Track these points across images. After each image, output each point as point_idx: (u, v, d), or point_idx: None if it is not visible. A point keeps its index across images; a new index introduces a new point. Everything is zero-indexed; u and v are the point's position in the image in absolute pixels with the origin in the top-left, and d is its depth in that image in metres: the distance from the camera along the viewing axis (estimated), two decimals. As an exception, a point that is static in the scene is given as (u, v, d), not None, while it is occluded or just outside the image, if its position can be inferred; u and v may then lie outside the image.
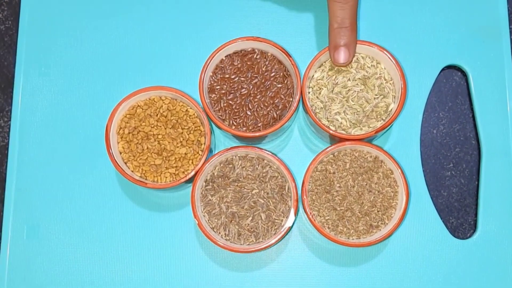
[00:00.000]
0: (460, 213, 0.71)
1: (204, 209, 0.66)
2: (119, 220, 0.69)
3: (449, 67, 0.72)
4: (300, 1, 0.73)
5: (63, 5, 0.73)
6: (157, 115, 0.67)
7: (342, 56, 0.63)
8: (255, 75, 0.67)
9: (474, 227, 0.70)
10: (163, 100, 0.67)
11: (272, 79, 0.67)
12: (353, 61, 0.66)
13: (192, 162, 0.66)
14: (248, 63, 0.67)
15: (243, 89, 0.67)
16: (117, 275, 0.68)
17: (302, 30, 0.72)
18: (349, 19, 0.62)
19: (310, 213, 0.65)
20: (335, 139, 0.66)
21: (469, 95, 0.72)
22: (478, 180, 0.70)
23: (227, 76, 0.67)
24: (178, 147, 0.66)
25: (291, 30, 0.72)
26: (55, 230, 0.69)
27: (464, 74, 0.72)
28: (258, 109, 0.66)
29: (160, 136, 0.66)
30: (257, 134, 0.65)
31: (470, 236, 0.69)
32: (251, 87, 0.67)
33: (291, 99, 0.66)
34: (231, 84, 0.67)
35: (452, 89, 0.73)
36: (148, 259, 0.69)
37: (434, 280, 0.67)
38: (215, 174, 0.66)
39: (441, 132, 0.72)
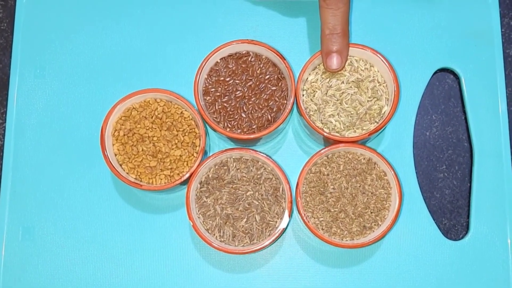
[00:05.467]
0: (452, 214, 0.71)
1: (199, 211, 0.66)
2: (114, 221, 0.69)
3: (441, 70, 0.73)
4: (294, 5, 0.73)
5: (58, 8, 0.73)
6: (152, 117, 0.67)
7: (334, 62, 0.64)
8: (250, 78, 0.67)
9: (466, 229, 0.71)
10: (158, 102, 0.67)
11: (266, 81, 0.67)
12: (346, 64, 0.66)
13: (187, 164, 0.66)
14: (243, 65, 0.67)
15: (238, 92, 0.67)
16: (111, 276, 0.68)
17: (296, 33, 0.72)
18: (341, 25, 0.62)
19: (304, 214, 0.65)
20: (329, 141, 0.67)
21: (462, 98, 0.72)
22: (470, 181, 0.71)
23: (222, 78, 0.67)
24: (173, 149, 0.66)
25: (285, 33, 0.72)
26: (50, 232, 0.69)
27: (456, 77, 0.73)
28: (252, 112, 0.67)
29: (155, 138, 0.66)
30: (252, 136, 0.65)
31: (462, 237, 0.70)
32: (246, 89, 0.67)
33: (285, 102, 0.67)
34: (226, 87, 0.67)
35: (445, 92, 0.73)
36: (143, 260, 0.69)
37: (427, 281, 0.68)
38: (210, 176, 0.67)
39: (434, 134, 0.72)
